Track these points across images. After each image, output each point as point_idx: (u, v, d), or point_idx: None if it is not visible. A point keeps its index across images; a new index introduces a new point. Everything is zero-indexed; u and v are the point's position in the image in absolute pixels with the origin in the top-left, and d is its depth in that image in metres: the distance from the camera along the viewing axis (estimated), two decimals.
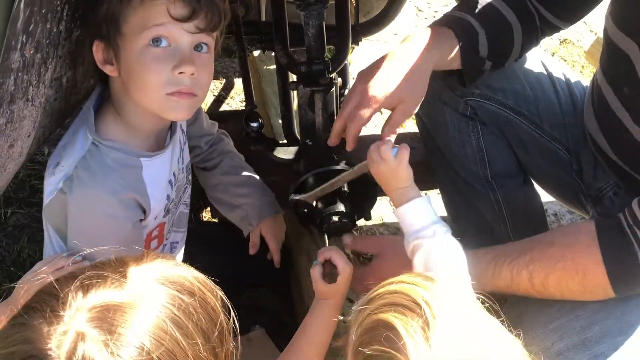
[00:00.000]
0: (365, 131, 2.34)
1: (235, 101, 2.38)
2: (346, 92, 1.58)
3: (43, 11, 0.89)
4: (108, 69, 1.12)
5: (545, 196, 1.61)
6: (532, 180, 1.58)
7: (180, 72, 1.06)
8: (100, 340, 0.65)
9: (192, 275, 0.77)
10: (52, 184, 1.14)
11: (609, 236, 1.11)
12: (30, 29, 0.86)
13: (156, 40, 1.05)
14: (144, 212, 1.17)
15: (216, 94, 2.39)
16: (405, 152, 1.11)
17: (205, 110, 2.39)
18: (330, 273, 1.12)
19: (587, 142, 1.43)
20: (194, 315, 0.71)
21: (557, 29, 1.38)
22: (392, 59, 1.23)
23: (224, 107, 2.33)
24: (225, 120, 1.70)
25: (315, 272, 1.13)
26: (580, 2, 1.33)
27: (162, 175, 1.21)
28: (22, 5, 0.77)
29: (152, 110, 1.11)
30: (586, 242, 1.11)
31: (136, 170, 1.14)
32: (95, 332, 0.66)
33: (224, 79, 2.45)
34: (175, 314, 0.70)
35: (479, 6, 1.36)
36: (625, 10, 1.20)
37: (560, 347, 1.13)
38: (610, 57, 1.26)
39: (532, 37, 1.39)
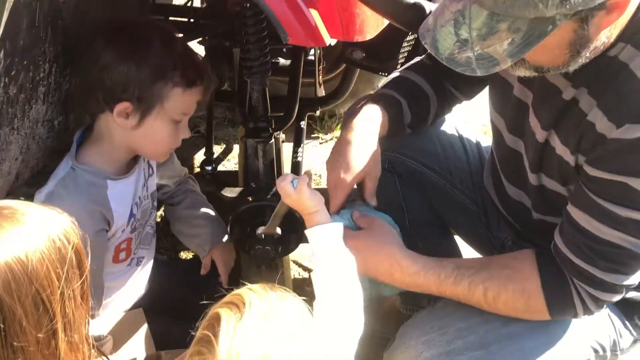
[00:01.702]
0: None
1: (231, 163, 2.72)
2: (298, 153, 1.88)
3: (25, 62, 1.24)
4: (120, 120, 1.44)
5: (465, 248, 1.81)
6: (452, 231, 1.80)
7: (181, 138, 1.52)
8: None
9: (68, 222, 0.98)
10: (39, 199, 1.48)
11: (548, 269, 1.31)
12: (12, 73, 1.21)
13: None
14: (108, 223, 1.49)
15: (215, 157, 2.73)
16: (303, 183, 1.29)
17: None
18: None
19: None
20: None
21: (460, 100, 1.68)
22: (349, 145, 1.47)
23: (220, 168, 2.67)
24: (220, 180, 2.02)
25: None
26: (476, 85, 1.64)
27: (126, 195, 1.53)
28: (1, 54, 1.12)
29: (146, 155, 1.53)
30: (529, 271, 1.32)
31: (102, 189, 1.47)
32: None
33: (225, 145, 2.82)
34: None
35: (403, 83, 1.64)
36: (495, 93, 1.50)
37: (427, 356, 1.33)
38: (492, 128, 1.53)
39: (444, 106, 1.68)
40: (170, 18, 1.99)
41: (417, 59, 1.71)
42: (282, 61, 2.30)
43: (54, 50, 1.37)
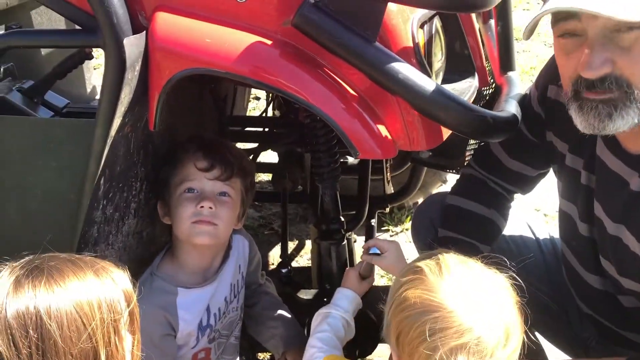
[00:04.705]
0: None
1: (304, 259, 2.78)
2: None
3: (120, 185, 1.37)
4: (166, 220, 1.60)
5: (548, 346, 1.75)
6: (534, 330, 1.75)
7: (201, 206, 1.52)
8: None
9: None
10: None
11: None
12: (109, 196, 1.34)
13: (189, 190, 1.54)
14: (174, 329, 1.56)
15: (288, 253, 2.80)
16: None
17: (275, 265, 2.81)
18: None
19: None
20: None
21: (516, 193, 1.68)
22: None
23: (293, 264, 2.73)
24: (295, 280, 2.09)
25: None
26: (530, 181, 1.64)
27: (197, 304, 1.60)
28: (102, 180, 1.25)
29: (185, 238, 1.55)
30: None
31: (171, 296, 1.56)
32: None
33: (297, 241, 2.89)
34: None
35: (467, 219, 1.62)
36: (563, 183, 1.49)
37: None
38: (561, 219, 1.52)
39: (506, 209, 1.67)
40: (247, 128, 2.14)
41: (465, 170, 1.72)
42: (350, 160, 2.39)
43: (145, 170, 1.51)
